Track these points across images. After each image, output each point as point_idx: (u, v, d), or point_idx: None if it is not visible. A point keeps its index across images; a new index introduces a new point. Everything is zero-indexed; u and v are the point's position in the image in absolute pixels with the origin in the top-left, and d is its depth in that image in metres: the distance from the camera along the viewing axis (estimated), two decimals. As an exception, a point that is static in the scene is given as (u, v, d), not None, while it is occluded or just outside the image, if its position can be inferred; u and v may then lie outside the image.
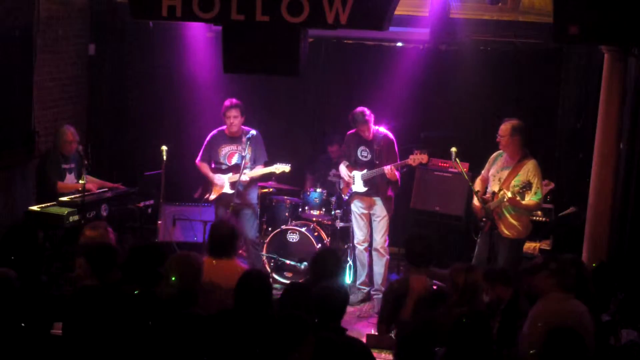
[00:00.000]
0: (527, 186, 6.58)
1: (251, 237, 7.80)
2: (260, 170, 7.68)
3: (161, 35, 9.09)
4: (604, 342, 4.77)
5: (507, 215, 6.73)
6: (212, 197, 7.73)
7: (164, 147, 7.77)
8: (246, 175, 7.57)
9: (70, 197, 7.33)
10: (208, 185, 7.78)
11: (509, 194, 6.58)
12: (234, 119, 7.54)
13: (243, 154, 7.56)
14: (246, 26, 5.14)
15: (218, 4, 5.11)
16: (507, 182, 6.72)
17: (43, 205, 7.20)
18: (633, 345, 4.73)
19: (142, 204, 8.19)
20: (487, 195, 6.89)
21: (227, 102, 7.61)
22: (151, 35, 9.13)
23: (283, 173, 7.83)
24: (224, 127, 7.67)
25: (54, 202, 7.23)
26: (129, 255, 4.82)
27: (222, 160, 7.66)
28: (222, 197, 7.64)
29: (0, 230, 7.02)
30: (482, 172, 7.10)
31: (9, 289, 4.33)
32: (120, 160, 9.48)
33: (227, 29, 5.25)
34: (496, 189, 6.79)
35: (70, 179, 7.69)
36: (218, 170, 7.69)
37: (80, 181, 7.30)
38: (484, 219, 6.83)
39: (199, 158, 7.80)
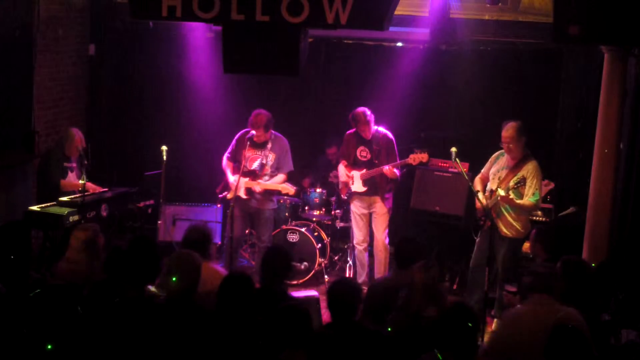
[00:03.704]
0: (521, 182, 6.58)
1: (264, 241, 7.77)
2: (270, 185, 7.58)
3: (161, 35, 9.09)
4: (604, 342, 4.77)
5: (506, 214, 6.74)
6: (229, 196, 7.69)
7: (164, 147, 7.77)
8: (259, 186, 7.55)
9: (70, 197, 7.34)
10: (228, 183, 7.75)
11: (502, 193, 6.59)
12: (257, 138, 7.47)
13: (264, 162, 7.53)
14: (246, 26, 5.14)
15: (218, 4, 5.11)
16: (506, 181, 6.73)
17: (43, 205, 7.20)
18: (633, 345, 4.73)
19: (142, 204, 8.19)
20: (486, 193, 6.90)
21: (252, 117, 7.45)
22: (151, 35, 9.13)
23: (287, 194, 7.80)
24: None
25: (54, 202, 7.23)
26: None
27: (244, 162, 7.52)
28: (238, 199, 7.60)
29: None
30: (482, 170, 7.11)
31: None
32: (120, 160, 9.47)
33: (227, 29, 5.24)
34: (494, 187, 6.80)
35: (71, 177, 7.71)
36: (238, 170, 7.61)
37: (81, 181, 7.31)
38: (482, 218, 6.84)
39: (226, 155, 7.70)
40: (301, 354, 3.89)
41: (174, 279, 4.49)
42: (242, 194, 7.53)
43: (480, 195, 6.79)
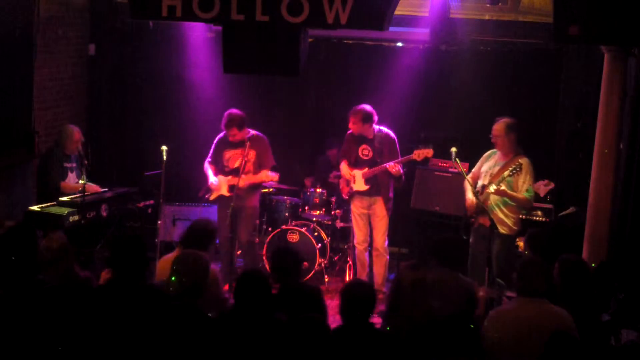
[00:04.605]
0: (517, 167, 6.59)
1: (244, 239, 7.77)
2: (253, 177, 7.61)
3: (161, 35, 9.10)
4: (604, 342, 4.77)
5: (497, 210, 6.76)
6: (212, 197, 7.74)
7: (164, 147, 7.76)
8: (242, 181, 7.55)
9: (70, 197, 7.34)
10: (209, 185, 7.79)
11: (492, 189, 6.62)
12: (233, 137, 7.52)
13: (245, 159, 7.55)
14: (246, 26, 5.15)
15: (218, 4, 5.11)
16: (497, 177, 6.76)
17: (43, 205, 7.21)
18: (633, 345, 4.73)
19: (142, 204, 8.19)
20: (477, 189, 6.94)
21: (225, 118, 7.51)
22: (151, 35, 9.14)
23: (272, 182, 7.81)
24: None
25: (54, 202, 7.24)
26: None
27: (225, 163, 7.65)
28: (221, 198, 7.64)
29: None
30: (473, 169, 7.14)
31: None
32: (120, 160, 9.48)
33: (227, 29, 5.25)
34: (486, 182, 6.83)
35: (72, 178, 7.71)
36: (222, 172, 7.68)
37: (80, 181, 7.31)
38: (473, 216, 6.88)
39: (207, 160, 7.78)
40: None
41: (173, 278, 4.49)
42: (224, 191, 7.56)
43: (470, 194, 6.86)
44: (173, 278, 4.48)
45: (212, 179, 7.64)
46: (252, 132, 7.61)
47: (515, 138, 6.81)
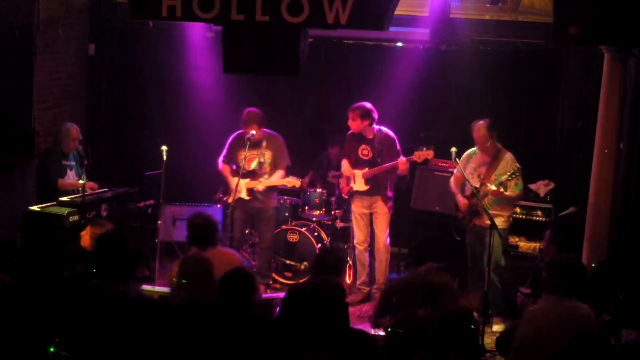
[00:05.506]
0: (516, 172, 6.68)
1: (267, 241, 7.80)
2: (273, 181, 7.65)
3: (161, 35, 9.09)
4: (604, 342, 4.76)
5: (490, 210, 6.79)
6: (230, 200, 7.71)
7: (164, 147, 7.77)
8: (261, 185, 7.56)
9: (70, 197, 7.35)
10: (228, 187, 7.79)
11: (493, 187, 6.65)
12: (252, 135, 7.51)
13: (262, 160, 7.54)
14: (246, 26, 5.15)
15: (218, 4, 5.12)
16: (488, 176, 6.80)
17: (43, 205, 7.21)
18: (633, 345, 4.72)
19: (142, 204, 8.20)
20: (468, 193, 6.96)
21: (244, 115, 7.54)
22: (151, 35, 9.13)
23: (293, 188, 7.83)
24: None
25: (54, 202, 7.24)
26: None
27: (241, 164, 7.62)
28: (239, 201, 7.62)
29: (0, 231, 7.03)
30: (455, 171, 7.16)
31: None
32: (120, 160, 9.47)
33: (227, 29, 5.25)
34: (478, 184, 6.84)
35: (71, 176, 7.72)
36: (238, 173, 7.65)
37: (81, 181, 7.31)
38: (467, 217, 6.91)
39: (221, 159, 7.78)
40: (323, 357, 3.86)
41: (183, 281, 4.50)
42: (244, 195, 7.55)
43: (460, 196, 6.91)
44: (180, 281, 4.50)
45: (231, 180, 7.64)
46: (268, 131, 7.64)
47: (496, 136, 6.92)
